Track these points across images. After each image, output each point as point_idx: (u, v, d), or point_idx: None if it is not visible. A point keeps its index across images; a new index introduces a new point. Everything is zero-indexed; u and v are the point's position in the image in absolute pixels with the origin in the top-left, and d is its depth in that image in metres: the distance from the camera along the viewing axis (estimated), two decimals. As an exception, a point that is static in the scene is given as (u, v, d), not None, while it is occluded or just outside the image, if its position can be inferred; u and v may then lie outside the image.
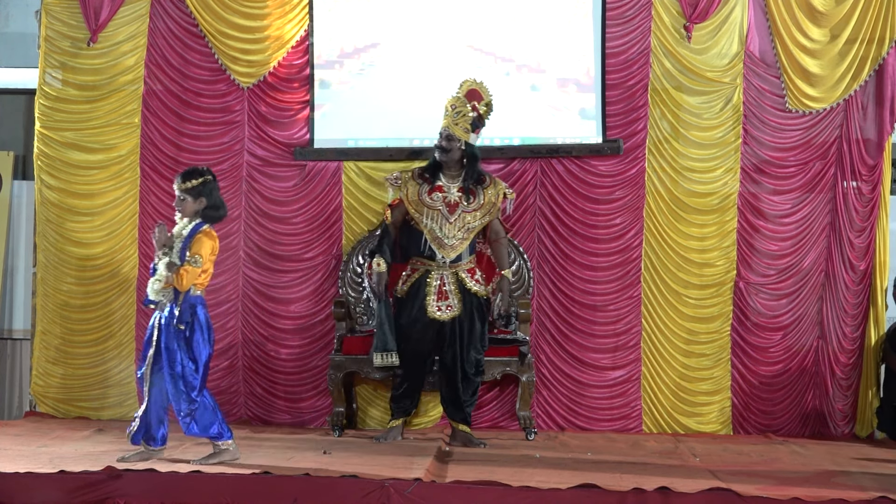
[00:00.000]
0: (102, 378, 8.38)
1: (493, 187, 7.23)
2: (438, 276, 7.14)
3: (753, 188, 8.12)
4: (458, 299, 7.11)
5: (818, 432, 8.05)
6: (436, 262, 7.14)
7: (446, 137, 7.15)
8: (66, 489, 5.61)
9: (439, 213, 7.13)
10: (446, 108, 7.22)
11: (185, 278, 6.07)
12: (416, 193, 7.19)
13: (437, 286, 7.13)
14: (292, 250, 8.33)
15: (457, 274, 7.14)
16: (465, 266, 7.17)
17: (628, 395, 8.14)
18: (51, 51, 8.45)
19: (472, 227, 7.15)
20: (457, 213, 7.12)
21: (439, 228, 7.12)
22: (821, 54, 8.07)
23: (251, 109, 8.37)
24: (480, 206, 7.16)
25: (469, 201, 7.14)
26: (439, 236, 7.12)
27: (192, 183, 6.17)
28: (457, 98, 7.22)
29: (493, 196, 7.20)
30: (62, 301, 8.38)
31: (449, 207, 7.13)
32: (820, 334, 8.10)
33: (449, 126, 7.17)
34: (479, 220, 7.16)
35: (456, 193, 7.16)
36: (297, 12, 8.34)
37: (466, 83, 7.26)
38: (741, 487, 5.53)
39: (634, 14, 8.16)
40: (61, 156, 8.41)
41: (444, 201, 7.14)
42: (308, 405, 8.23)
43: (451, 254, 7.13)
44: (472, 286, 7.14)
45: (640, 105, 8.15)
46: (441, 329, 7.13)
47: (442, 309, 7.11)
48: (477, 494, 5.51)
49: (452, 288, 7.12)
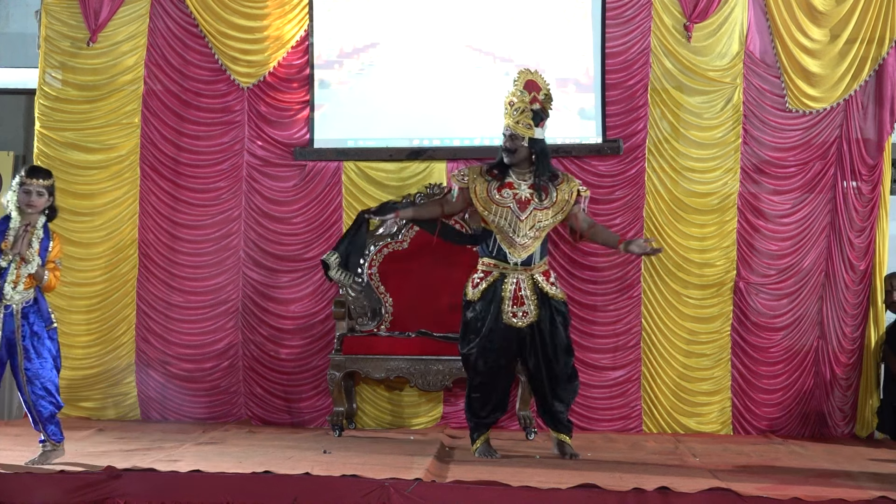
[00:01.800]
0: (102, 378, 8.38)
1: (567, 184, 6.72)
2: (514, 280, 6.63)
3: (753, 188, 8.12)
4: (534, 304, 6.61)
5: (818, 432, 8.05)
6: (509, 265, 6.66)
7: (510, 137, 6.62)
8: (65, 489, 5.60)
9: (510, 210, 6.61)
10: (505, 105, 6.68)
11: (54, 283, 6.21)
12: (486, 190, 6.66)
13: (513, 291, 6.62)
14: (292, 250, 8.33)
15: (532, 277, 6.65)
16: (539, 268, 6.68)
17: (628, 396, 8.14)
18: (51, 51, 8.45)
19: (543, 226, 6.65)
20: (528, 210, 6.61)
21: (510, 226, 6.65)
22: (821, 54, 8.07)
23: (251, 109, 8.38)
24: (553, 204, 6.65)
25: (541, 199, 6.63)
26: (510, 235, 6.61)
27: (51, 180, 6.20)
28: (515, 93, 6.64)
29: (566, 194, 6.68)
30: (62, 301, 8.37)
31: (520, 205, 6.61)
32: (820, 334, 8.10)
33: (511, 125, 6.62)
34: (550, 218, 6.67)
35: (527, 191, 6.63)
36: (296, 12, 8.34)
37: (523, 74, 6.68)
38: (741, 487, 5.52)
39: (634, 14, 8.16)
40: (61, 156, 8.41)
41: (514, 198, 6.64)
42: (308, 405, 8.23)
43: (523, 254, 6.62)
44: (548, 289, 6.65)
45: (639, 105, 8.16)
46: (519, 336, 6.64)
47: (518, 315, 6.61)
48: (477, 494, 5.49)
49: (529, 293, 6.61)
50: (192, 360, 8.34)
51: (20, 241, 6.03)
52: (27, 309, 6.12)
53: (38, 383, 6.15)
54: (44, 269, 6.11)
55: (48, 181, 6.16)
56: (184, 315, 8.37)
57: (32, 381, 6.14)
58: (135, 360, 8.36)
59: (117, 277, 8.41)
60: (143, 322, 8.39)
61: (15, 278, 6.05)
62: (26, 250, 6.03)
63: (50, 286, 6.19)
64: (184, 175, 8.38)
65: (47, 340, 6.19)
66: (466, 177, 6.75)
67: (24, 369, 6.11)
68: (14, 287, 6.05)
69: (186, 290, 8.37)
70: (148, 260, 8.39)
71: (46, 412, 6.17)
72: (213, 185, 8.39)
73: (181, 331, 8.37)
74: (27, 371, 6.12)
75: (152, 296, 8.38)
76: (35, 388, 6.14)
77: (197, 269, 8.38)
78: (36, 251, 6.07)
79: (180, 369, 8.32)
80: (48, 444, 6.18)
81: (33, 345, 6.12)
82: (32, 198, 6.08)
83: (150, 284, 8.39)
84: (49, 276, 6.15)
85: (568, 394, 6.76)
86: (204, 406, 8.30)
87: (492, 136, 8.12)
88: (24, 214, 6.10)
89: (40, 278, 6.11)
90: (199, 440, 7.21)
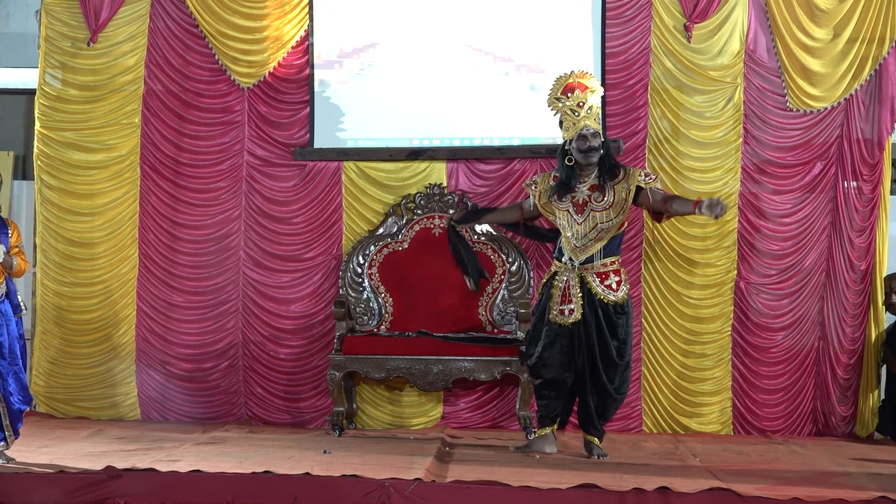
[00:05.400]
0: (103, 378, 8.38)
1: (626, 181, 6.70)
2: (564, 277, 6.71)
3: (754, 188, 8.11)
4: (580, 302, 6.65)
5: (818, 432, 8.04)
6: (563, 264, 6.74)
7: (593, 135, 6.65)
8: (65, 489, 5.62)
9: (567, 213, 6.73)
10: (571, 109, 6.71)
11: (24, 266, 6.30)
12: (547, 195, 6.83)
13: (563, 288, 6.69)
14: (292, 250, 8.33)
15: (582, 276, 6.67)
16: (595, 269, 6.67)
17: (629, 395, 8.10)
18: (51, 51, 8.45)
19: (604, 227, 6.66)
20: (585, 212, 6.68)
21: (569, 228, 6.71)
22: (822, 53, 8.07)
23: (251, 110, 8.37)
24: (611, 205, 6.66)
25: (599, 199, 6.68)
26: (569, 237, 6.71)
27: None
28: (579, 95, 6.69)
29: (623, 192, 6.66)
30: (62, 301, 8.39)
31: (577, 207, 6.70)
32: (820, 334, 8.09)
33: (591, 125, 6.66)
34: (612, 218, 6.66)
35: (586, 192, 6.71)
36: (296, 13, 8.34)
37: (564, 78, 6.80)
38: (741, 487, 5.53)
39: (634, 14, 8.16)
40: (61, 156, 8.41)
41: (572, 201, 6.72)
42: (308, 405, 8.23)
43: (581, 255, 6.66)
44: (598, 290, 6.64)
45: (640, 105, 8.15)
46: (570, 334, 6.68)
47: (565, 313, 6.67)
48: (477, 494, 5.50)
49: (576, 291, 6.66)
50: (192, 360, 8.34)
51: None
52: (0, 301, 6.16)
53: (10, 378, 6.17)
54: (10, 257, 6.16)
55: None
56: (184, 315, 8.37)
57: (5, 376, 6.16)
58: (135, 360, 8.35)
59: (117, 277, 8.41)
60: (143, 322, 8.38)
61: None
62: None
63: (20, 270, 6.29)
64: (184, 175, 8.38)
65: (17, 334, 6.22)
66: (537, 185, 6.91)
67: None
68: None
69: (186, 290, 8.37)
70: (148, 260, 8.39)
71: (17, 406, 6.18)
72: (214, 186, 8.39)
73: (181, 331, 8.37)
74: (0, 367, 6.13)
75: (152, 296, 8.38)
76: (8, 384, 6.15)
77: (197, 269, 8.38)
78: None
79: (180, 369, 8.32)
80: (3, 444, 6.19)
81: (8, 340, 6.14)
82: None
83: (151, 284, 8.39)
84: (17, 261, 6.24)
85: (611, 407, 6.79)
86: (204, 406, 8.30)
87: (492, 136, 8.14)
88: None
89: (9, 265, 6.20)
90: (200, 440, 7.21)
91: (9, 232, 6.22)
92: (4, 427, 6.16)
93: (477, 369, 7.57)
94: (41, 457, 6.33)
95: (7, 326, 6.17)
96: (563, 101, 6.76)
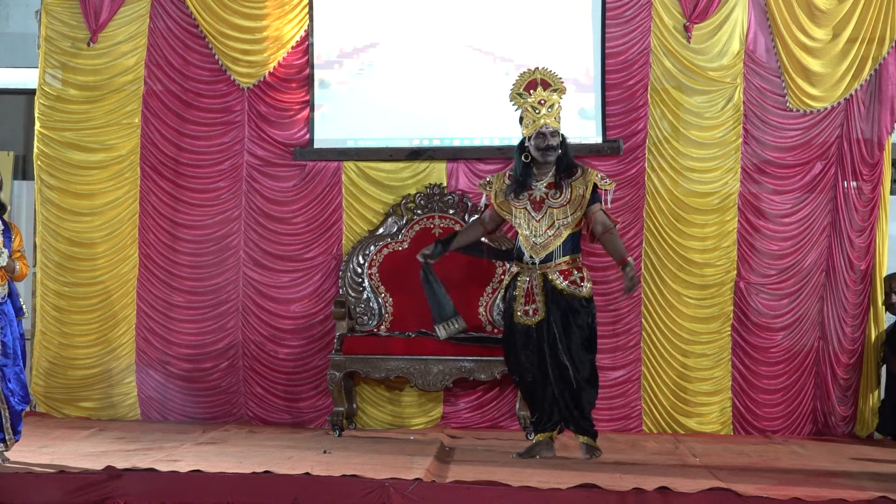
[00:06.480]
0: (102, 378, 8.38)
1: (583, 178, 6.62)
2: (527, 278, 6.63)
3: (754, 188, 8.11)
4: (542, 300, 6.58)
5: (818, 432, 8.04)
6: (524, 263, 6.65)
7: (552, 134, 6.57)
8: (66, 489, 5.61)
9: (525, 210, 6.64)
10: (532, 106, 6.61)
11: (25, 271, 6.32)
12: (503, 194, 6.74)
13: (526, 289, 6.62)
14: (292, 250, 8.33)
15: (544, 274, 6.59)
16: (557, 266, 6.58)
17: (628, 396, 8.14)
18: (51, 51, 8.46)
19: (562, 224, 6.58)
20: (543, 209, 6.59)
21: (527, 226, 6.63)
22: (822, 53, 8.07)
23: (251, 110, 8.38)
24: (569, 201, 6.58)
25: (556, 196, 6.60)
26: (527, 235, 6.62)
27: None
28: (540, 92, 6.61)
29: (580, 188, 6.58)
30: (62, 301, 8.39)
31: (534, 204, 6.61)
32: (820, 334, 8.09)
33: (551, 123, 6.56)
34: (570, 215, 6.57)
35: (543, 189, 6.63)
36: (296, 13, 8.34)
37: (533, 73, 6.71)
38: (741, 487, 5.52)
39: (634, 14, 8.16)
40: (61, 156, 8.42)
41: (529, 198, 6.64)
42: (308, 405, 8.23)
43: (541, 253, 6.58)
44: (561, 286, 6.55)
45: (639, 105, 8.15)
46: (537, 335, 6.61)
47: (529, 313, 6.60)
48: (477, 494, 5.49)
49: (538, 290, 6.58)
50: (192, 359, 8.34)
51: None
52: (3, 303, 6.19)
53: (12, 379, 6.18)
54: (13, 261, 6.19)
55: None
56: (184, 315, 8.37)
57: (8, 377, 6.16)
58: (135, 360, 8.36)
59: (118, 277, 8.41)
60: (143, 322, 8.39)
61: None
62: None
63: (22, 275, 6.30)
64: (184, 175, 8.39)
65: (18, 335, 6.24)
66: (492, 185, 6.82)
67: (1, 366, 6.14)
68: None
69: (187, 290, 8.37)
70: (148, 260, 8.39)
71: (19, 408, 6.20)
72: (214, 186, 8.40)
73: (181, 331, 8.37)
74: (3, 368, 6.15)
75: (152, 296, 8.38)
76: (10, 385, 6.16)
77: (197, 269, 8.38)
78: (0, 243, 6.15)
79: (180, 369, 8.33)
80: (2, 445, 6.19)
81: (11, 340, 6.16)
82: None
83: (151, 284, 8.39)
84: (19, 265, 6.26)
85: (584, 398, 6.65)
86: (204, 406, 8.31)
87: (492, 136, 8.14)
88: None
89: (12, 269, 6.21)
90: (200, 440, 7.21)
91: (12, 236, 6.24)
92: (5, 429, 6.16)
93: (477, 369, 7.58)
94: (41, 457, 6.32)
95: (10, 327, 6.19)
96: (524, 97, 6.67)
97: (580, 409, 6.64)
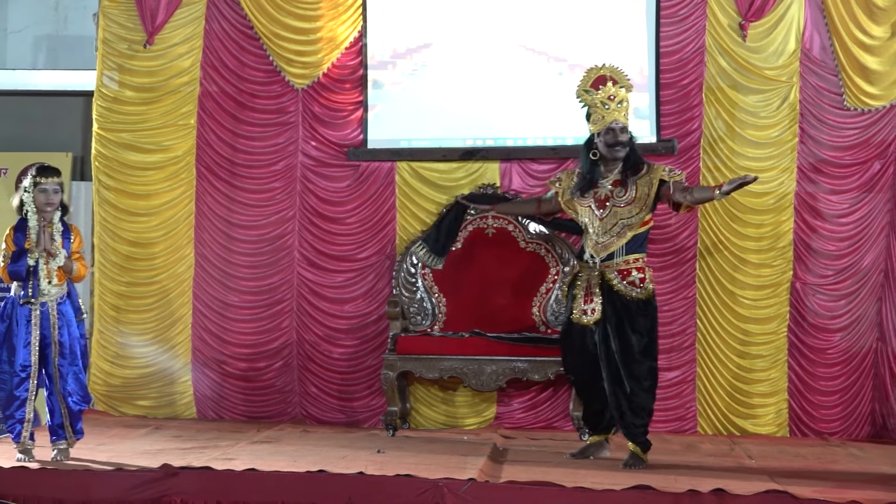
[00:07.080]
0: (159, 377, 8.46)
1: (648, 176, 6.49)
2: (586, 276, 6.52)
3: (810, 188, 8.02)
4: (600, 300, 6.45)
5: (877, 435, 7.94)
6: (585, 262, 6.54)
7: (622, 130, 6.47)
8: (123, 487, 5.68)
9: (590, 208, 6.53)
10: (602, 101, 6.51)
11: (83, 272, 6.39)
12: (570, 192, 6.66)
13: (585, 288, 6.51)
14: (346, 250, 8.36)
15: (603, 273, 6.47)
16: (617, 266, 6.45)
17: (683, 397, 8.08)
18: (108, 53, 8.56)
19: (627, 223, 6.45)
20: (607, 207, 6.49)
21: (591, 224, 6.52)
22: (880, 51, 7.96)
23: (305, 110, 8.42)
24: (633, 200, 6.46)
25: (621, 195, 6.49)
26: (591, 233, 6.51)
27: (61, 177, 6.36)
28: (611, 88, 6.52)
29: (646, 187, 6.45)
30: (120, 301, 8.48)
31: (599, 202, 6.51)
32: (879, 336, 7.99)
33: (621, 119, 6.48)
34: (634, 214, 6.45)
35: (609, 187, 6.52)
36: (350, 13, 8.38)
37: (595, 70, 6.63)
38: (798, 490, 5.47)
39: (689, 13, 8.10)
40: (118, 157, 8.51)
41: (594, 196, 6.54)
42: (362, 404, 8.26)
43: (602, 252, 6.46)
44: (618, 286, 6.43)
45: (694, 104, 8.09)
46: (594, 336, 6.48)
47: (587, 313, 6.48)
48: (530, 494, 5.49)
49: (596, 289, 6.46)
50: (247, 359, 8.40)
51: (42, 237, 6.20)
52: (61, 303, 6.27)
53: (70, 379, 6.25)
54: (71, 261, 6.27)
55: (60, 178, 6.34)
56: (239, 315, 8.43)
57: (65, 377, 6.24)
58: (191, 359, 8.43)
59: (174, 277, 8.49)
60: (199, 321, 8.46)
61: (47, 274, 6.21)
62: (50, 245, 6.20)
63: (80, 275, 6.38)
64: (239, 176, 8.45)
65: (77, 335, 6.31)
66: (561, 182, 6.76)
67: (59, 366, 6.22)
68: (49, 282, 6.21)
69: (242, 290, 8.43)
70: (204, 260, 8.46)
71: (77, 408, 6.27)
72: (268, 186, 8.45)
73: (237, 330, 8.43)
74: (61, 367, 6.23)
75: (208, 295, 8.45)
76: (68, 385, 6.25)
77: (252, 269, 8.44)
78: (59, 244, 6.24)
79: (236, 368, 8.39)
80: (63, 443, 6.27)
81: (69, 340, 6.24)
82: (50, 196, 6.25)
83: (206, 284, 8.46)
84: (77, 266, 6.33)
85: (637, 403, 6.44)
86: (259, 405, 8.37)
87: (545, 136, 8.12)
88: (42, 213, 6.26)
89: (69, 270, 6.28)
90: (254, 439, 7.26)
91: (71, 237, 6.32)
92: (65, 427, 6.25)
93: (530, 370, 7.57)
94: (99, 454, 6.40)
95: (68, 328, 6.27)
96: (591, 93, 6.59)
97: (633, 414, 6.46)
